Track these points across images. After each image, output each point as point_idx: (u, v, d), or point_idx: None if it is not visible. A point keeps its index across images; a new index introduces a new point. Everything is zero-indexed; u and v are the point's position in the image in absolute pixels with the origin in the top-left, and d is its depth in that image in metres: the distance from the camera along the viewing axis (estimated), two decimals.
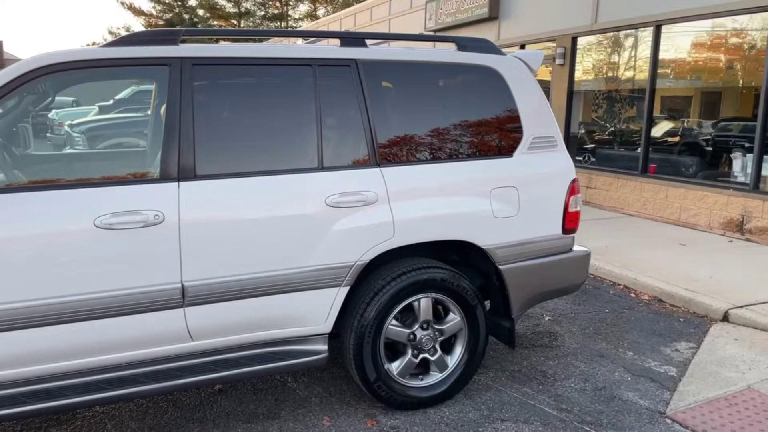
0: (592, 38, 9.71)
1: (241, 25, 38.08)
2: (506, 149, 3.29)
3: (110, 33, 41.42)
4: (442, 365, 3.25)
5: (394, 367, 3.15)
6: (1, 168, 2.84)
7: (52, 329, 2.49)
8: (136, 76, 4.37)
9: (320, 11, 40.31)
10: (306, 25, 35.42)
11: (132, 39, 2.77)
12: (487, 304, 3.52)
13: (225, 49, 2.88)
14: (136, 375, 2.70)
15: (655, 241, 6.89)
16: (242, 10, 39.11)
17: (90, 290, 2.51)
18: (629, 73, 9.24)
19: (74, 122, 9.62)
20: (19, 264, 2.41)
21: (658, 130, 8.72)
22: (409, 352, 3.17)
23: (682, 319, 4.71)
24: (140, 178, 2.78)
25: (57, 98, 3.34)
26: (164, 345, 2.72)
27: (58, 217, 2.48)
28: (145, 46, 2.73)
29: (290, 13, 41.15)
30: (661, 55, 8.35)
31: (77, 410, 3.17)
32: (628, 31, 8.98)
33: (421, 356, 3.20)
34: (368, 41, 3.21)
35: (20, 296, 2.42)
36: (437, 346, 3.23)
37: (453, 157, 3.19)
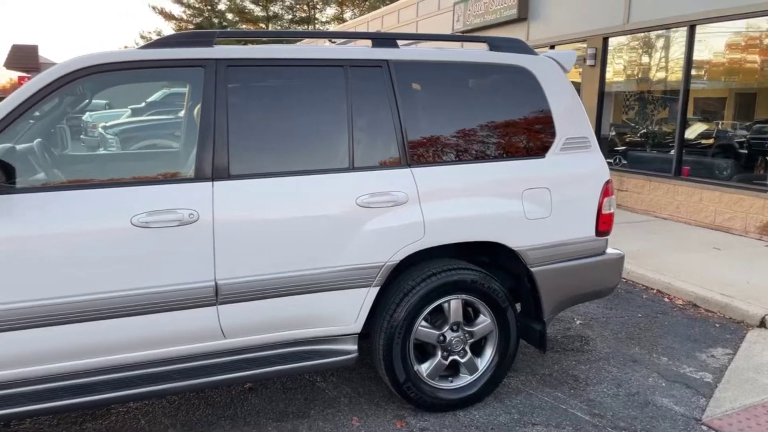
0: (623, 39, 9.56)
1: (269, 29, 38.45)
2: (538, 150, 3.26)
3: (142, 37, 42.23)
4: (472, 367, 3.23)
5: (424, 368, 3.14)
6: (41, 167, 2.91)
7: (89, 325, 2.54)
8: (172, 77, 4.44)
9: (347, 14, 40.52)
10: (334, 28, 35.62)
11: (168, 41, 2.82)
12: (518, 306, 3.48)
13: (258, 50, 2.91)
14: (170, 372, 2.74)
15: (688, 245, 6.75)
16: (270, 13, 39.52)
17: (126, 287, 2.56)
18: (662, 74, 9.08)
19: (108, 124, 9.83)
20: (59, 261, 2.47)
21: (692, 131, 8.54)
22: (439, 353, 3.15)
23: (717, 325, 4.60)
24: (176, 178, 2.82)
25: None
26: (198, 342, 2.75)
27: (97, 215, 2.53)
28: (181, 48, 2.78)
29: (317, 16, 41.47)
30: (695, 56, 8.18)
31: (112, 406, 3.23)
32: (661, 32, 8.82)
33: (450, 358, 3.18)
34: (398, 42, 3.21)
35: (59, 293, 2.48)
36: (467, 348, 3.21)
37: (484, 157, 3.16)
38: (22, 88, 2.56)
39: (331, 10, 41.88)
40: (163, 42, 2.81)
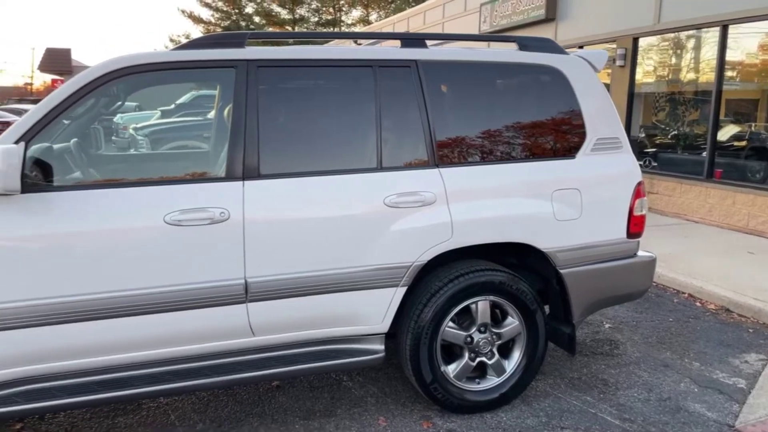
0: (654, 39, 9.41)
1: (296, 31, 38.70)
2: (569, 150, 3.22)
3: (171, 40, 42.94)
4: (499, 369, 3.21)
5: (451, 369, 3.12)
6: (78, 166, 2.97)
7: (123, 321, 2.58)
8: (204, 78, 4.50)
9: (373, 16, 40.63)
10: (360, 30, 35.71)
11: (200, 42, 2.86)
12: (547, 308, 3.45)
13: (288, 51, 2.93)
14: (200, 368, 2.78)
15: (721, 249, 6.61)
16: (296, 16, 39.84)
17: (158, 284, 2.60)
18: (693, 75, 8.91)
19: (138, 126, 10.00)
20: (94, 257, 2.52)
21: (724, 133, 8.37)
22: (466, 355, 3.14)
23: (751, 330, 4.50)
24: (207, 178, 2.86)
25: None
26: (227, 339, 2.79)
27: (132, 213, 2.58)
28: (213, 49, 2.81)
29: (343, 18, 41.66)
30: (728, 56, 8.01)
31: (143, 401, 3.28)
32: (692, 32, 8.66)
33: (478, 360, 3.16)
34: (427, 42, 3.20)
35: (93, 289, 2.53)
36: (495, 350, 3.19)
37: (513, 158, 3.14)
38: (60, 88, 2.62)
39: (356, 13, 42.08)
40: (196, 43, 2.85)
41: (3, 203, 2.43)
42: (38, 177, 2.52)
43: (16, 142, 2.47)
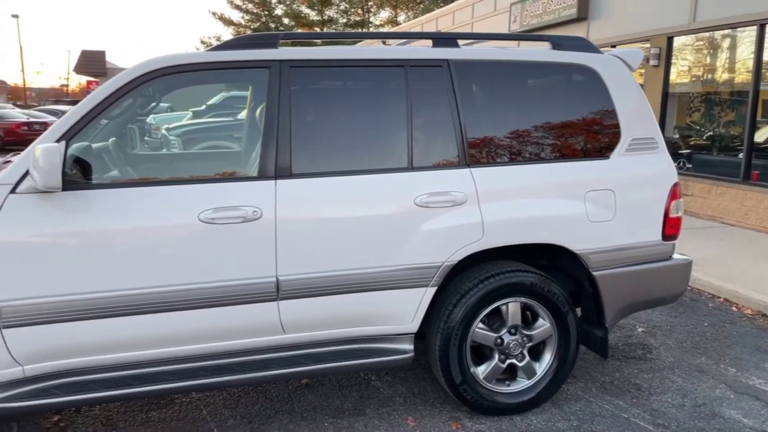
0: (688, 38, 9.22)
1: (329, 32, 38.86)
2: (603, 150, 3.18)
3: (202, 42, 43.54)
4: (530, 372, 3.18)
5: (480, 371, 3.11)
6: (115, 165, 3.04)
7: (157, 317, 2.63)
8: (238, 78, 4.55)
9: (401, 17, 40.62)
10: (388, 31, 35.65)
11: (234, 43, 2.89)
12: (579, 311, 3.40)
13: (321, 51, 2.95)
14: (231, 364, 2.81)
15: (758, 253, 6.44)
16: (325, 18, 40.05)
17: (192, 281, 2.64)
18: (729, 75, 8.70)
19: (171, 126, 10.18)
20: (131, 254, 2.57)
21: (761, 135, 8.15)
22: (496, 356, 3.12)
23: None
24: (240, 177, 2.89)
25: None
26: (258, 336, 2.82)
27: (167, 211, 2.63)
28: (247, 50, 2.85)
29: (371, 19, 41.73)
30: (765, 56, 7.80)
31: (175, 395, 3.34)
32: (728, 31, 8.46)
33: (508, 361, 3.14)
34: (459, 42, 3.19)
35: (129, 285, 2.58)
36: (525, 352, 3.16)
37: (545, 158, 3.11)
38: (99, 88, 2.68)
39: (384, 14, 42.11)
40: (230, 44, 2.89)
41: (44, 200, 2.50)
42: (78, 175, 2.59)
43: (57, 141, 2.54)
